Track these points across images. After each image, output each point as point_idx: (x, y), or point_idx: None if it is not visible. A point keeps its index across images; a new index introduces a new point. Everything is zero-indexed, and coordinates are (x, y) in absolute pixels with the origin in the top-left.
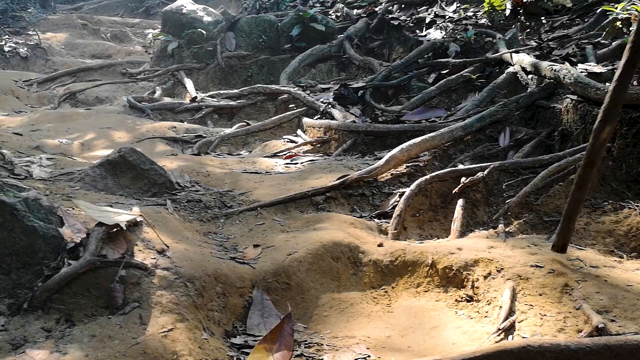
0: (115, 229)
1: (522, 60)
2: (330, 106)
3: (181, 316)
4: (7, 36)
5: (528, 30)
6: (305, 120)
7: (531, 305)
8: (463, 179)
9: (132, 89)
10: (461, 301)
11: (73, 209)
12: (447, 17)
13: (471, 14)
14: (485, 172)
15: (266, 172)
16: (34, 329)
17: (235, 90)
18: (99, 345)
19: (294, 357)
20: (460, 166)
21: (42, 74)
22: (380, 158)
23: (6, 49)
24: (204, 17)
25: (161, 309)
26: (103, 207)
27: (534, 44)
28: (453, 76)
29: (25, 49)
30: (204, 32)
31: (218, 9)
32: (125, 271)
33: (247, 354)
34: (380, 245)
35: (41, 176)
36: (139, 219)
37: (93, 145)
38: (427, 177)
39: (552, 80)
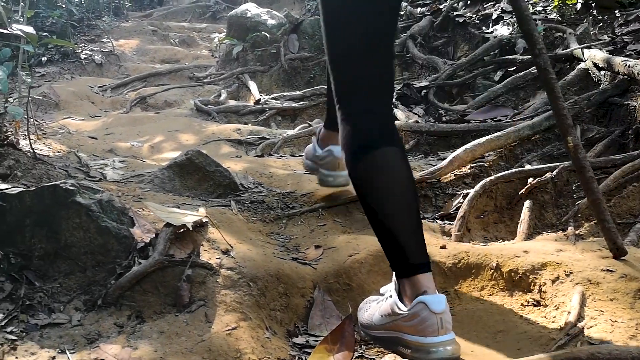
0: (182, 230)
1: (594, 55)
2: (392, 106)
3: (244, 315)
4: (83, 44)
5: (600, 24)
6: None
7: (601, 311)
8: (530, 180)
9: (199, 92)
10: (527, 305)
11: (143, 209)
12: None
13: (540, 8)
14: (554, 173)
15: None
16: (107, 325)
17: (298, 92)
18: (167, 341)
19: (355, 358)
20: (528, 166)
21: (115, 79)
22: (444, 158)
23: (82, 56)
24: (267, 21)
25: (225, 308)
26: (171, 209)
27: (607, 38)
28: (520, 73)
29: (100, 55)
30: (268, 35)
31: (282, 11)
32: (191, 270)
33: (309, 353)
34: (443, 247)
35: (114, 178)
36: (204, 220)
37: (162, 148)
38: (492, 177)
39: (626, 76)
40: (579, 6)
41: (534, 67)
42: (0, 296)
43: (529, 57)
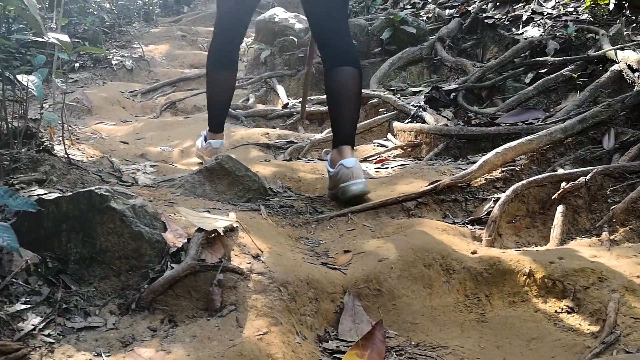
0: (213, 235)
1: (627, 57)
2: (421, 109)
3: (275, 320)
4: (114, 50)
5: (634, 25)
6: (396, 124)
7: (638, 318)
8: (563, 184)
9: None
10: (561, 312)
11: (175, 214)
12: (545, 13)
13: (571, 9)
14: (588, 177)
15: None
16: (141, 328)
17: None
18: (200, 345)
19: None
20: (560, 170)
21: (145, 84)
22: (474, 162)
23: (114, 62)
24: (295, 25)
25: (256, 313)
26: (202, 214)
27: None
28: (552, 75)
29: (131, 61)
30: (296, 39)
31: None
32: (222, 275)
33: (339, 359)
34: (474, 252)
35: (146, 183)
36: (235, 225)
37: (191, 152)
38: (524, 182)
39: None
40: (611, 7)
41: (566, 68)
42: (37, 300)
43: (561, 58)
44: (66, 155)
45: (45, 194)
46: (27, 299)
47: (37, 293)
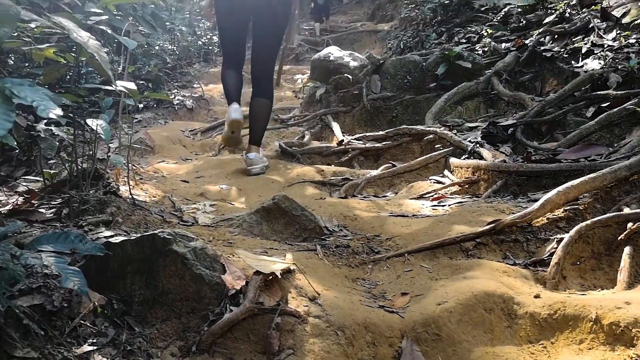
0: (271, 277)
1: None
2: (478, 145)
3: None
4: (175, 90)
5: None
6: (453, 160)
7: None
8: (630, 225)
9: (283, 134)
10: None
11: (233, 255)
12: (605, 45)
13: (633, 40)
14: None
15: (412, 215)
16: None
17: (381, 132)
18: None
19: None
20: (626, 210)
21: (204, 123)
22: (534, 200)
23: (175, 102)
24: (350, 63)
25: (314, 357)
26: (260, 256)
27: None
28: (615, 109)
29: (191, 101)
30: (350, 76)
31: (363, 52)
32: (280, 318)
33: None
34: (536, 296)
35: (205, 222)
36: (292, 267)
37: (249, 190)
38: (588, 222)
39: None
40: None
41: (629, 102)
42: (104, 341)
43: (624, 92)
44: (131, 196)
45: (111, 236)
46: (94, 341)
47: (103, 334)
